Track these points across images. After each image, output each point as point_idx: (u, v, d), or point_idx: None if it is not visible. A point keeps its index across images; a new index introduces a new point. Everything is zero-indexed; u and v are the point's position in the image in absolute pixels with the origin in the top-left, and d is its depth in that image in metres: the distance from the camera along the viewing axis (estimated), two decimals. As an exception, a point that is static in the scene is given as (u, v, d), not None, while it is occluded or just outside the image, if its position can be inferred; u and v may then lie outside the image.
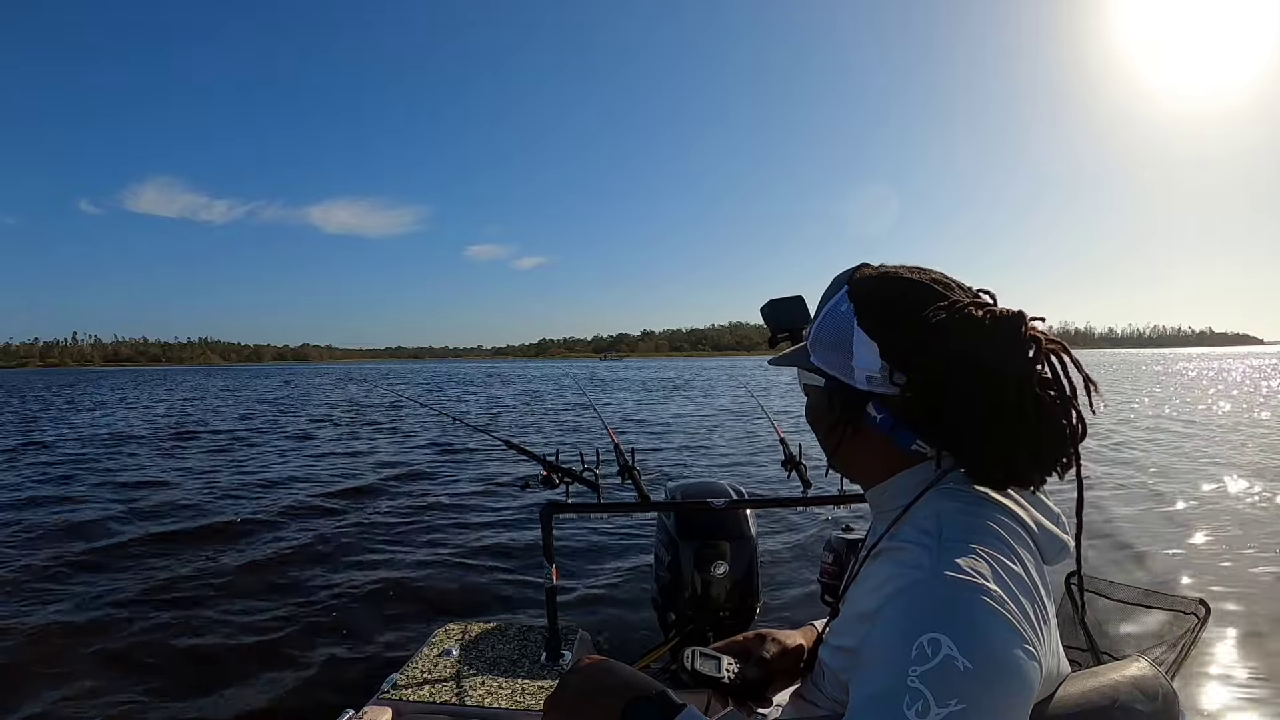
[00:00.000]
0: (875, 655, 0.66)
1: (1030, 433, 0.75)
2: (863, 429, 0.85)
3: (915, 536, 0.74)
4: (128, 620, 3.92)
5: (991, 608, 0.64)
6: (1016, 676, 0.63)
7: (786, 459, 2.59)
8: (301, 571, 4.83)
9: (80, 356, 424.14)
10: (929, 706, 0.59)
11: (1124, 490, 7.19)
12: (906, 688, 0.60)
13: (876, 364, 0.81)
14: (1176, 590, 0.96)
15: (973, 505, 0.77)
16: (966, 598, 0.65)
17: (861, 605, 0.76)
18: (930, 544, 0.71)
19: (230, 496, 7.60)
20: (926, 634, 0.62)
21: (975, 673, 0.60)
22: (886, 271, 0.86)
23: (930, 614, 0.64)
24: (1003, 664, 0.62)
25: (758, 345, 17.35)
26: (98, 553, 5.35)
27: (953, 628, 0.62)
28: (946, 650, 0.61)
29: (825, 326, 0.86)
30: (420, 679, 2.10)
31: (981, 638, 0.62)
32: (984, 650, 0.62)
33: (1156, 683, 0.81)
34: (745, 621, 2.39)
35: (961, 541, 0.71)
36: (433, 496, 7.42)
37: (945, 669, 0.60)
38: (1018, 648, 0.64)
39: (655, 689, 0.81)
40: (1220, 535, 5.39)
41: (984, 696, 0.60)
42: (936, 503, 0.78)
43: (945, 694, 0.59)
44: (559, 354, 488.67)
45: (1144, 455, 9.56)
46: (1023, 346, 0.75)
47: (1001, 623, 0.64)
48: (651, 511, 2.45)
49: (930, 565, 0.69)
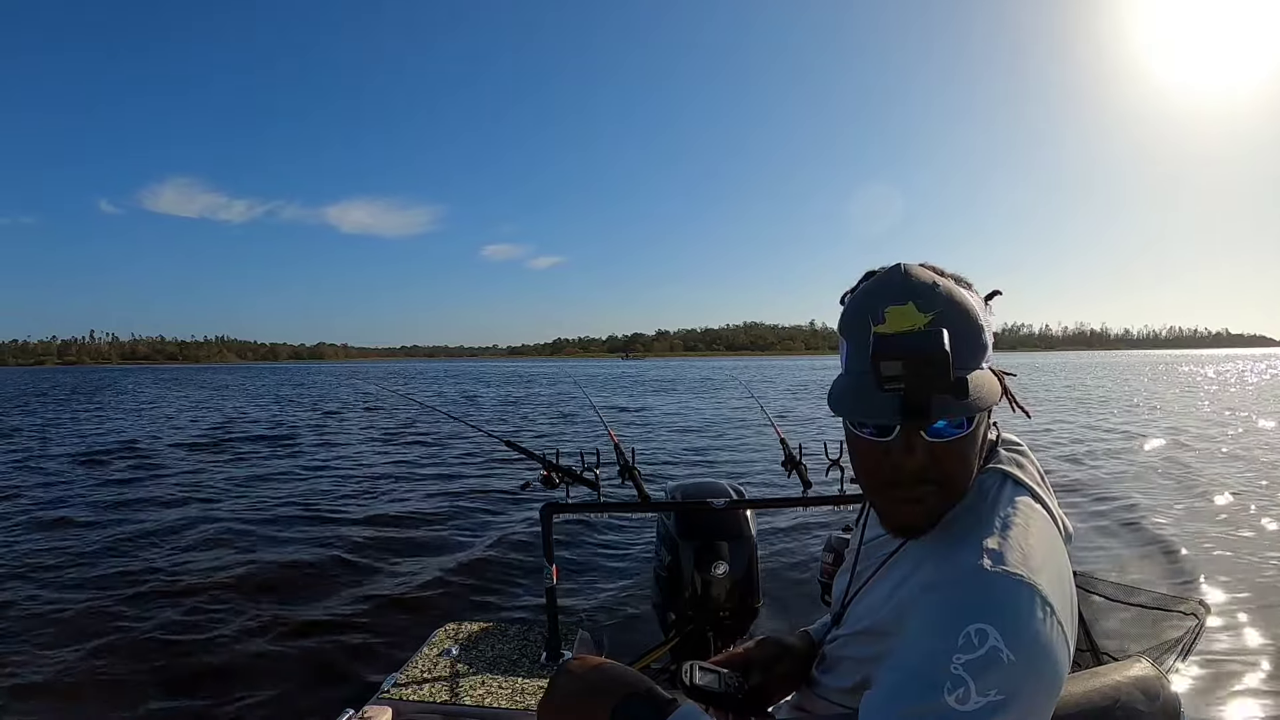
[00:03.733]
0: (918, 639, 0.67)
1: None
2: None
3: (973, 524, 0.75)
4: (128, 619, 3.94)
5: (1042, 602, 0.65)
6: (1054, 673, 0.64)
7: (786, 459, 2.58)
8: (301, 571, 4.85)
9: (98, 354, 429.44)
10: (969, 694, 0.60)
11: (1125, 489, 7.11)
12: (949, 674, 0.61)
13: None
14: (1176, 590, 0.95)
15: (1026, 498, 0.78)
16: (1021, 592, 0.66)
17: (904, 588, 0.78)
18: (984, 532, 0.72)
19: (230, 496, 7.64)
20: (975, 624, 0.63)
21: (1019, 666, 0.61)
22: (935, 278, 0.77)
23: (980, 604, 0.65)
24: (1046, 660, 0.64)
25: (772, 345, 17.29)
26: (97, 552, 5.40)
27: (1001, 620, 0.63)
28: (993, 641, 0.62)
29: (968, 328, 0.75)
30: (420, 678, 2.10)
31: (1029, 632, 0.63)
32: (1030, 645, 0.63)
33: (1157, 683, 0.82)
34: (746, 621, 2.38)
35: (1019, 535, 0.72)
36: (433, 496, 7.45)
37: (990, 659, 0.61)
38: (1060, 645, 0.65)
39: (644, 686, 0.81)
40: (1220, 535, 5.34)
41: (1024, 690, 0.62)
42: (988, 492, 0.78)
43: (987, 684, 0.60)
44: (574, 354, 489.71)
45: (1145, 454, 9.47)
46: None
47: (1049, 619, 0.65)
48: (651, 511, 2.45)
49: (983, 554, 0.69)
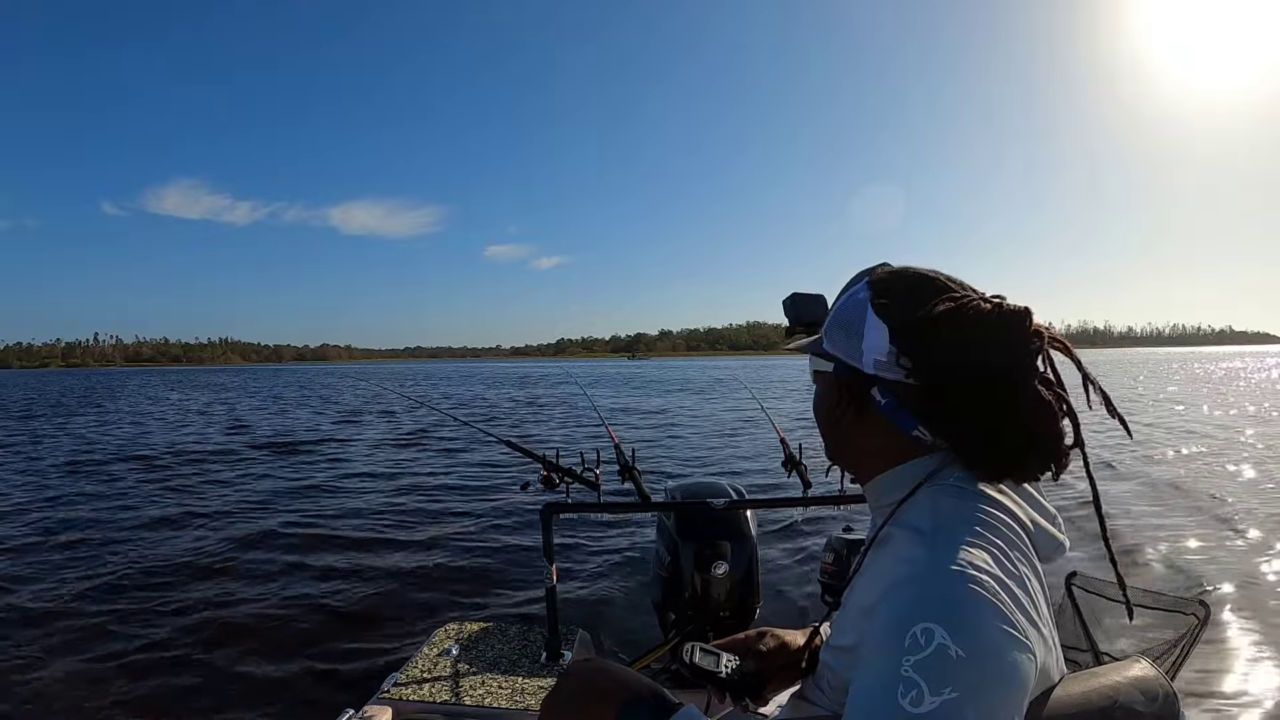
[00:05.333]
0: (871, 647, 0.68)
1: (1025, 428, 0.76)
2: (866, 413, 0.86)
3: (911, 529, 0.75)
4: (127, 619, 3.95)
5: (984, 598, 0.65)
6: (1010, 667, 0.63)
7: (786, 459, 2.58)
8: (301, 571, 4.85)
9: (102, 357, 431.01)
10: (923, 695, 0.59)
11: (1124, 489, 7.08)
12: (900, 677, 0.61)
13: (885, 347, 0.82)
14: (1176, 591, 0.95)
15: (969, 500, 0.77)
16: (960, 588, 0.65)
17: (861, 600, 0.78)
18: (925, 537, 0.72)
19: (225, 496, 7.66)
20: (920, 624, 0.63)
21: (969, 661, 0.61)
22: (905, 267, 0.90)
23: (924, 604, 0.65)
24: (996, 654, 0.63)
25: (775, 345, 17.78)
26: (95, 551, 5.42)
27: (946, 618, 0.63)
28: (940, 640, 0.61)
29: (842, 311, 0.89)
30: (420, 678, 2.10)
31: (974, 627, 0.63)
32: (977, 640, 0.62)
33: (1157, 683, 0.81)
34: (745, 622, 2.38)
35: (956, 534, 0.71)
36: (432, 496, 7.46)
37: (939, 658, 0.60)
38: (1011, 639, 0.64)
39: (650, 689, 0.82)
40: (1220, 535, 5.33)
41: (978, 685, 0.61)
42: (933, 496, 0.78)
43: (939, 683, 0.60)
44: (577, 354, 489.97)
45: (1145, 455, 9.42)
46: (1026, 341, 0.76)
47: (995, 613, 0.64)
48: (651, 511, 2.45)
49: (925, 557, 0.70)
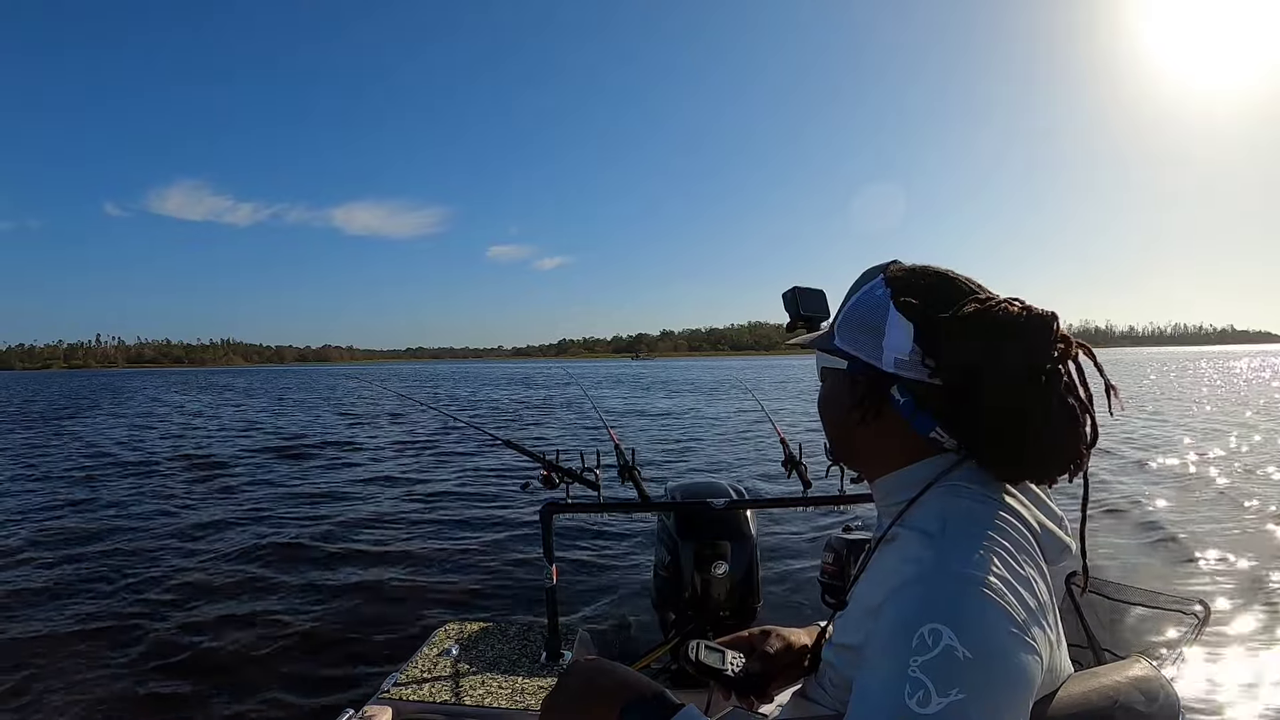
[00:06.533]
0: (877, 647, 0.68)
1: (1048, 431, 0.76)
2: (884, 413, 0.85)
3: (919, 530, 0.75)
4: (128, 619, 3.95)
5: (992, 600, 0.65)
6: (1017, 668, 0.64)
7: (786, 459, 2.57)
8: (301, 572, 4.86)
9: (104, 358, 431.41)
10: (930, 696, 0.59)
11: (1123, 489, 7.07)
12: (908, 677, 0.61)
13: (908, 346, 0.81)
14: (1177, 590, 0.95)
15: (978, 502, 0.77)
16: (967, 590, 0.66)
17: (866, 600, 0.78)
18: (934, 538, 0.72)
19: (228, 496, 7.67)
20: (928, 625, 0.63)
21: (976, 663, 0.61)
22: (920, 264, 0.88)
23: (931, 605, 0.65)
24: (1003, 655, 0.63)
25: (776, 345, 17.52)
26: (93, 549, 5.43)
27: (953, 619, 0.63)
28: (947, 640, 0.61)
29: (858, 308, 0.87)
30: (420, 678, 2.10)
31: (982, 629, 0.63)
32: (984, 641, 0.62)
33: (1157, 683, 0.82)
34: (745, 621, 2.38)
35: (965, 536, 0.72)
36: (433, 496, 7.47)
37: (946, 659, 0.61)
38: (1018, 640, 0.64)
39: (653, 690, 0.81)
40: (1221, 535, 5.33)
41: (984, 686, 0.61)
42: (942, 498, 0.78)
43: (946, 684, 0.60)
44: (579, 354, 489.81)
45: (1146, 455, 9.41)
46: (1052, 346, 0.76)
47: (1002, 615, 0.65)
48: (651, 511, 2.45)
49: (933, 558, 0.70)
